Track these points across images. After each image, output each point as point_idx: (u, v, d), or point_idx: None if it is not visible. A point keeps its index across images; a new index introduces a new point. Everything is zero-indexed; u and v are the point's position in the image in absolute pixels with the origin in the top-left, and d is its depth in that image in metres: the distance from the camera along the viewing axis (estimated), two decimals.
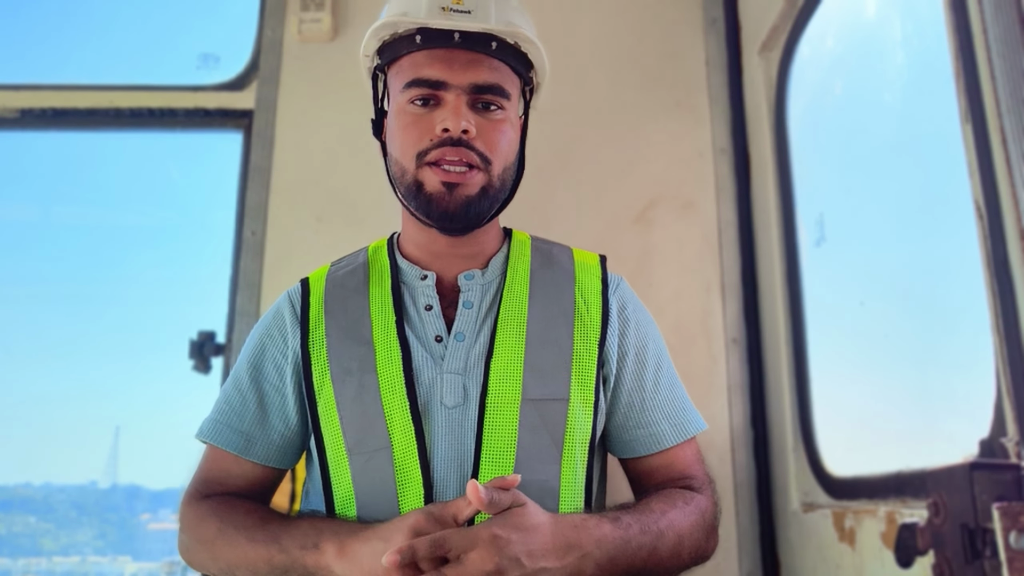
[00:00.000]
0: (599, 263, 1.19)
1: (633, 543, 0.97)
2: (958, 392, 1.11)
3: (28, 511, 11.21)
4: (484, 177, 1.07)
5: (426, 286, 1.13)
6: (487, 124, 1.08)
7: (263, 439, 1.12)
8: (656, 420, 1.13)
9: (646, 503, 1.05)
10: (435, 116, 1.07)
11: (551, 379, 1.06)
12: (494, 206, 1.12)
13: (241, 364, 1.16)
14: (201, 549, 1.06)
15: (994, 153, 0.89)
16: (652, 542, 0.99)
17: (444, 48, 1.08)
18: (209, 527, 1.05)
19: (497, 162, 1.09)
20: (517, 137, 1.15)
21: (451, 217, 1.07)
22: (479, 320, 1.10)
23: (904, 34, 1.34)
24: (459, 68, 1.07)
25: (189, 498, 1.10)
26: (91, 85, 2.00)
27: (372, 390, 1.05)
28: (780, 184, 1.65)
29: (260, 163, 1.87)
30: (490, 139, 1.08)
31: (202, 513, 1.07)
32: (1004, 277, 0.87)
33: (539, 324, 1.10)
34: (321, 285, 1.17)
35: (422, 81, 1.07)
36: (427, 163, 1.06)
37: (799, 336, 1.56)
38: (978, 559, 0.65)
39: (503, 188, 1.12)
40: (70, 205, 65.64)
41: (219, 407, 1.14)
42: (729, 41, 1.87)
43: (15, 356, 72.57)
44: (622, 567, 0.96)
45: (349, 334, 1.10)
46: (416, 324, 1.10)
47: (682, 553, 1.03)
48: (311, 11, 1.90)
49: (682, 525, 1.03)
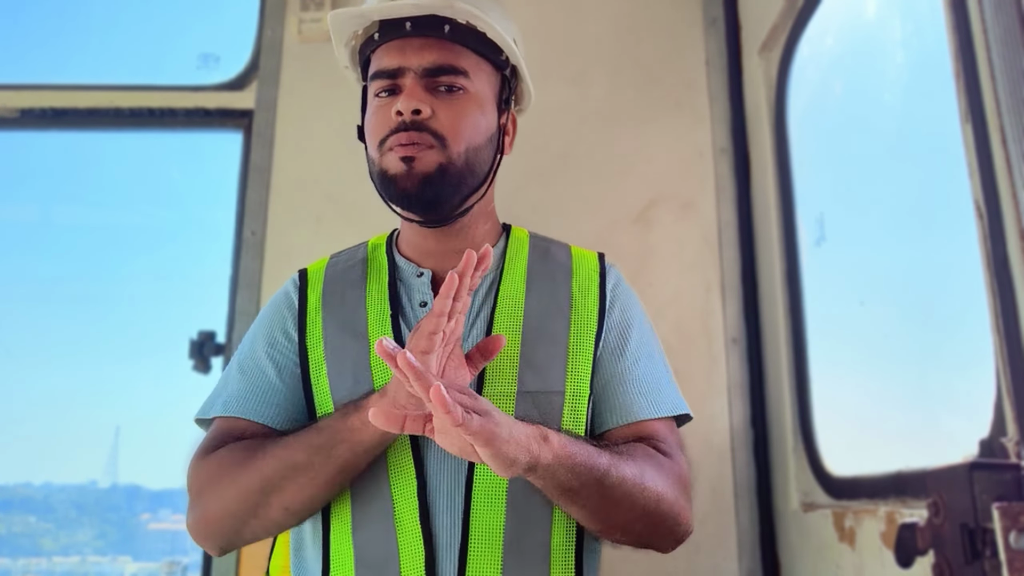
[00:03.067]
0: (597, 257, 1.18)
1: (590, 456, 0.92)
2: (958, 392, 1.11)
3: (28, 511, 11.19)
4: (440, 155, 1.06)
5: (422, 283, 1.13)
6: (445, 104, 1.08)
7: (286, 405, 1.09)
8: (630, 393, 1.09)
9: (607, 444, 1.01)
10: (394, 103, 1.08)
11: (547, 372, 1.06)
12: (460, 189, 1.09)
13: (256, 343, 1.13)
14: (222, 488, 0.99)
15: (994, 153, 0.89)
16: (607, 465, 0.94)
17: (398, 38, 1.11)
18: (230, 458, 1.00)
19: (455, 141, 1.07)
20: (489, 122, 1.13)
21: (411, 196, 1.07)
22: (474, 315, 1.10)
23: (904, 34, 1.34)
24: (411, 53, 1.10)
25: (197, 458, 1.05)
26: (91, 85, 2.00)
27: (366, 383, 1.05)
28: (780, 184, 1.65)
29: (260, 163, 1.87)
30: (447, 118, 1.07)
31: (218, 456, 1.02)
32: (1004, 277, 0.87)
33: (535, 318, 1.09)
34: (320, 278, 1.17)
35: (381, 72, 1.11)
36: (388, 149, 1.08)
37: (799, 336, 1.56)
38: (978, 559, 0.65)
39: (469, 170, 1.09)
40: (70, 205, 65.20)
41: (234, 383, 1.11)
42: (729, 41, 1.87)
43: (15, 356, 71.53)
44: (577, 474, 0.91)
45: (345, 328, 1.10)
46: (411, 320, 1.10)
47: (645, 494, 0.97)
48: (311, 11, 1.90)
49: (639, 467, 0.97)
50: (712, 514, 1.68)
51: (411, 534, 0.99)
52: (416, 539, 0.99)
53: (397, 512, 1.00)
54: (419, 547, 0.98)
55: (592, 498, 0.95)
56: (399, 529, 1.00)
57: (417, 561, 0.98)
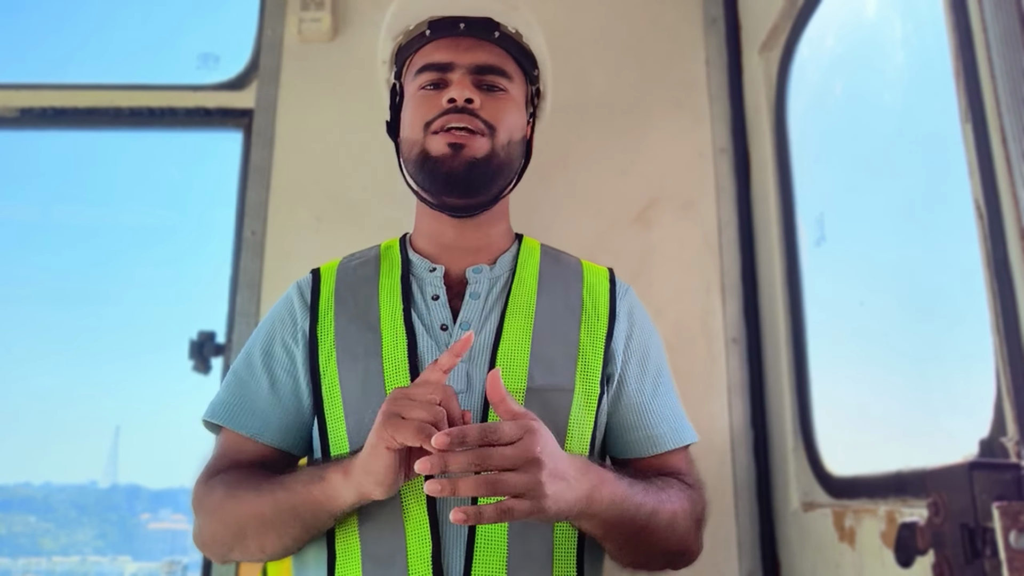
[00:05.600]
0: (607, 272, 1.23)
1: (637, 498, 0.99)
2: (958, 391, 1.11)
3: (28, 511, 11.17)
4: (489, 143, 1.12)
5: (434, 277, 1.15)
6: (491, 100, 1.15)
7: (277, 420, 1.11)
8: (655, 423, 1.15)
9: (646, 478, 1.07)
10: (443, 93, 1.14)
11: (557, 370, 1.08)
12: (498, 178, 1.15)
13: (253, 348, 1.17)
14: (211, 519, 1.05)
15: (994, 153, 0.89)
16: (653, 507, 1.01)
17: (450, 36, 1.17)
18: (216, 493, 1.05)
19: (502, 132, 1.14)
20: (522, 124, 1.20)
21: (456, 178, 1.11)
22: (485, 310, 1.12)
23: (904, 34, 1.34)
24: (463, 50, 1.16)
25: (200, 480, 1.10)
26: (91, 84, 1.99)
27: (376, 375, 1.06)
28: (780, 184, 1.65)
29: (260, 163, 1.87)
30: (495, 110, 1.14)
31: (211, 485, 1.07)
32: (1004, 277, 0.87)
33: (547, 317, 1.12)
34: (332, 275, 1.19)
35: (431, 65, 1.16)
36: (433, 131, 1.12)
37: (799, 336, 1.56)
38: (978, 559, 0.65)
39: (508, 163, 1.16)
40: (70, 205, 65.40)
41: (231, 388, 1.14)
42: (729, 41, 1.87)
43: (15, 356, 71.67)
44: (624, 518, 0.98)
45: (356, 320, 1.12)
46: (423, 313, 1.12)
47: (676, 530, 1.05)
48: (311, 11, 1.90)
49: (677, 507, 1.05)
50: (712, 514, 1.65)
51: (419, 525, 1.00)
52: (424, 531, 0.99)
53: (405, 504, 1.01)
54: (427, 539, 0.99)
55: (629, 538, 1.02)
56: (407, 521, 1.00)
57: (424, 553, 0.99)
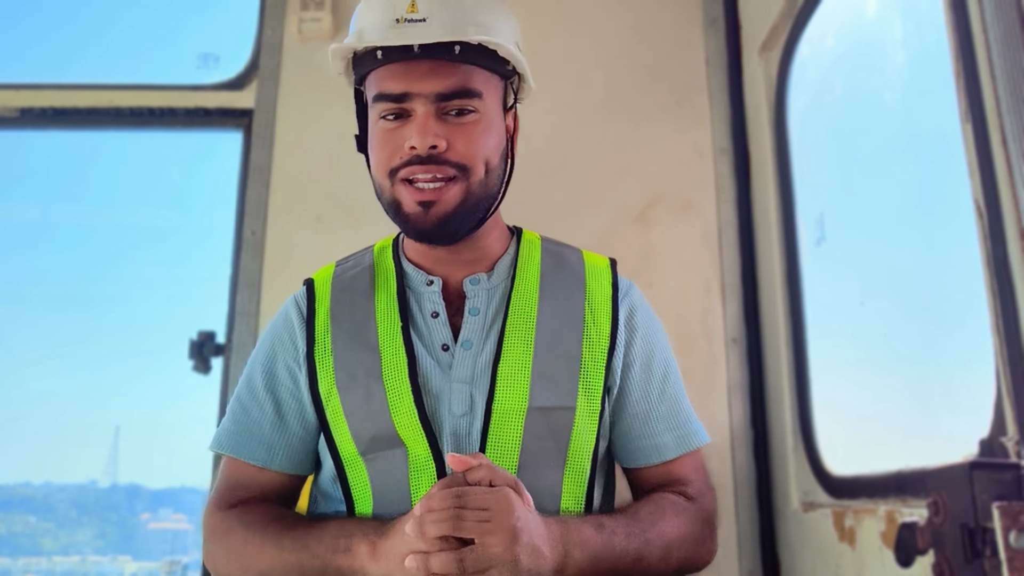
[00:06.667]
0: (609, 267, 1.17)
1: (617, 549, 0.98)
2: (958, 391, 1.11)
3: (28, 511, 11.14)
4: (462, 187, 1.04)
5: (432, 292, 1.11)
6: (460, 131, 1.04)
7: (284, 447, 1.10)
8: (659, 431, 1.12)
9: (635, 510, 1.05)
10: (405, 131, 1.04)
11: (559, 387, 1.06)
12: (477, 213, 1.08)
13: (254, 371, 1.14)
14: (230, 560, 1.05)
15: (994, 153, 0.89)
16: (638, 549, 0.99)
17: (404, 61, 1.04)
18: (235, 538, 1.04)
19: (476, 167, 1.05)
20: (500, 135, 1.10)
21: (429, 235, 1.07)
22: (486, 327, 1.09)
23: (904, 34, 1.34)
24: (421, 78, 1.03)
25: (213, 508, 1.09)
26: (91, 84, 2.00)
27: (379, 398, 1.05)
28: (780, 184, 1.64)
29: (260, 163, 1.87)
30: (465, 146, 1.04)
31: (228, 523, 1.06)
32: (1004, 277, 0.87)
33: (548, 331, 1.08)
34: (327, 289, 1.15)
35: (386, 95, 1.05)
36: (401, 180, 1.05)
37: (799, 336, 1.56)
38: (978, 558, 0.65)
39: (487, 193, 1.08)
40: (70, 205, 64.95)
41: (236, 416, 1.12)
42: (729, 41, 1.87)
43: (15, 356, 71.75)
44: (604, 570, 0.97)
45: (355, 340, 1.09)
46: (423, 331, 1.09)
47: (671, 562, 1.03)
48: (311, 10, 1.90)
49: (671, 535, 1.03)
50: None
51: None
52: None
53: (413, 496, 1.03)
54: None
55: None
56: None
57: None
